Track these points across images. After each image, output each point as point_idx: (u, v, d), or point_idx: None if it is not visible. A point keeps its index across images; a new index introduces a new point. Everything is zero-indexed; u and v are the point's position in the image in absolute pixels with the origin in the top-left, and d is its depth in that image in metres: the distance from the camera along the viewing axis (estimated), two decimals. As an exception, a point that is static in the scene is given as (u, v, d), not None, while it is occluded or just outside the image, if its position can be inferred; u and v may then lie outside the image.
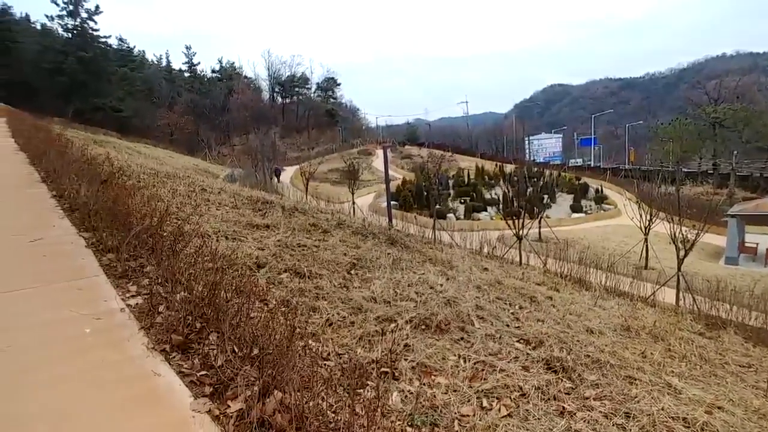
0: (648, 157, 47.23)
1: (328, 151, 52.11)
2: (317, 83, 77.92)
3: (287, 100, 76.52)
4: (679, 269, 8.99)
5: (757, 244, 18.33)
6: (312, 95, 77.98)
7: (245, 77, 74.50)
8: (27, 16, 57.67)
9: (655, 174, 19.43)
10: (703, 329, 5.57)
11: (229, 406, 1.93)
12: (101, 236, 3.78)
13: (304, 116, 72.56)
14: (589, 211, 28.44)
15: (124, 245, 3.46)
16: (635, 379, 3.15)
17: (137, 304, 2.77)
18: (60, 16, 49.74)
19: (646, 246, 16.12)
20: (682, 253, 9.29)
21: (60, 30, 50.77)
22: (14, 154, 9.17)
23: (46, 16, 51.30)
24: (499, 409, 2.37)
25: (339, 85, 79.70)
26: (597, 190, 32.08)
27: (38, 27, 54.94)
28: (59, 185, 5.68)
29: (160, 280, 2.96)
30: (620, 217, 25.35)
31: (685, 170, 38.13)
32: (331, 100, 79.75)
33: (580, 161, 55.86)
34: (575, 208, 28.43)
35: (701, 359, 4.06)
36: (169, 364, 2.18)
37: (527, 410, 2.41)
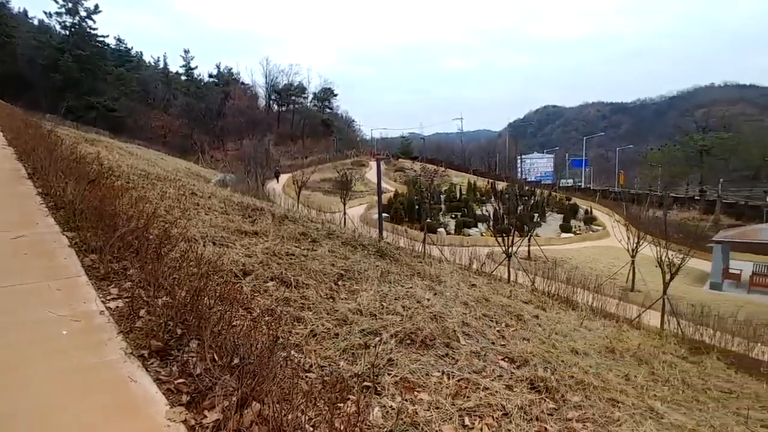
0: (637, 181, 48.08)
1: (322, 160, 52.08)
2: (314, 93, 78.10)
3: (283, 108, 76.56)
4: (664, 293, 9.05)
5: (741, 270, 18.58)
6: (308, 104, 78.09)
7: (242, 83, 74.53)
8: (25, 11, 57.74)
9: (644, 198, 19.68)
10: (687, 354, 5.60)
11: (205, 416, 1.89)
12: (85, 236, 3.72)
13: (300, 125, 72.62)
14: (578, 232, 28.69)
15: (108, 246, 3.40)
16: (618, 402, 3.15)
17: (117, 307, 2.71)
18: (58, 13, 49.85)
19: (633, 268, 16.28)
20: (667, 276, 9.37)
21: (58, 27, 50.74)
22: (2, 148, 9.03)
23: (45, 13, 51.48)
24: (481, 429, 2.35)
25: (336, 95, 79.99)
26: (586, 211, 32.42)
27: (35, 23, 54.87)
28: (46, 182, 5.59)
29: (142, 284, 2.91)
30: (608, 238, 25.60)
31: (673, 195, 38.77)
32: (327, 110, 79.96)
33: (570, 182, 56.50)
34: (565, 227, 28.66)
35: (684, 384, 4.08)
36: (147, 370, 2.12)
37: (509, 430, 2.38)
